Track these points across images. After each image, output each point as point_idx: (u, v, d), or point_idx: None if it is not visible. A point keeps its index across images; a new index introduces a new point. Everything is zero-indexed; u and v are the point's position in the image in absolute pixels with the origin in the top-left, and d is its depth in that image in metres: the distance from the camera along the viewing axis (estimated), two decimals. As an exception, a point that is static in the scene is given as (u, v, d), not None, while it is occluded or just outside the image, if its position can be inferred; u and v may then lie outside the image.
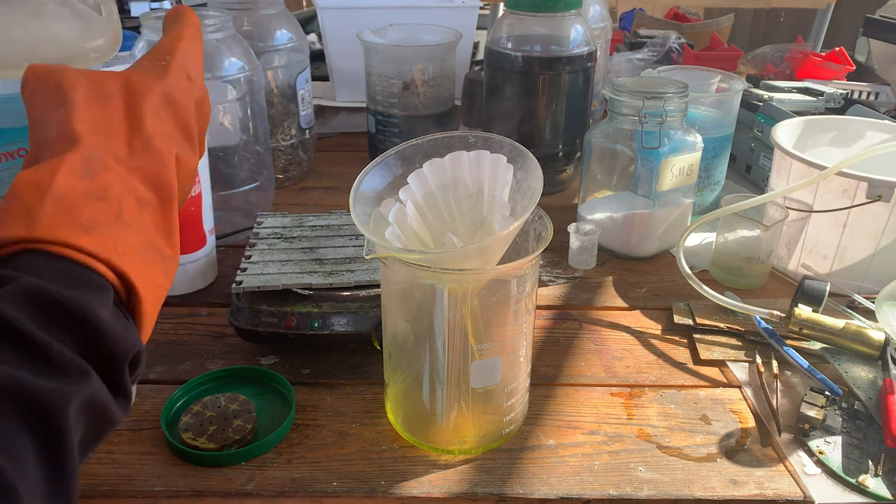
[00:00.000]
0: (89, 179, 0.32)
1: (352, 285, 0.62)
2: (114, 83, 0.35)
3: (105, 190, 0.33)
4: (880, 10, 1.52)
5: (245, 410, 0.54)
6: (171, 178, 0.36)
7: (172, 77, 0.37)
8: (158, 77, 0.37)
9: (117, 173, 0.34)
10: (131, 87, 0.36)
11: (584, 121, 0.96)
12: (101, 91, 0.35)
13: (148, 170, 0.35)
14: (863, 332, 0.62)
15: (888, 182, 0.67)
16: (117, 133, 0.35)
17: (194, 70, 0.39)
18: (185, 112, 0.37)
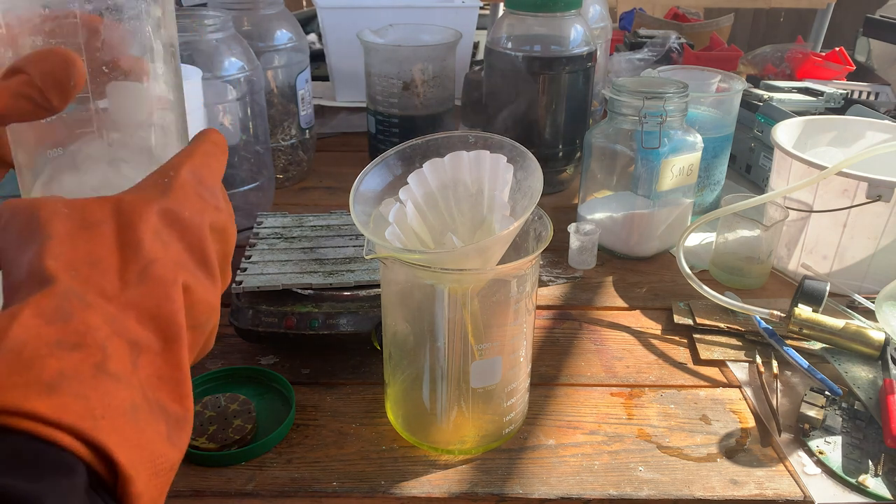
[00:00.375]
0: (62, 323, 0.26)
1: (352, 285, 0.62)
2: (101, 207, 0.29)
3: (83, 335, 0.26)
4: (880, 10, 1.52)
5: (245, 410, 0.54)
6: (174, 312, 0.29)
7: (176, 193, 0.30)
8: (159, 195, 0.30)
9: (103, 312, 0.27)
10: (123, 208, 0.29)
11: (584, 121, 0.96)
12: (86, 218, 0.28)
13: (146, 304, 0.28)
14: (863, 332, 0.62)
15: (888, 182, 0.67)
16: (106, 264, 0.28)
17: (208, 188, 0.32)
18: (195, 232, 0.30)
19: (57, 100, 0.30)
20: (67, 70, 0.30)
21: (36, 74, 0.30)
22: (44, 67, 0.30)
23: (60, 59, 0.30)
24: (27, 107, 0.30)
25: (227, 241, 0.34)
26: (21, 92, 0.30)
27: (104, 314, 0.27)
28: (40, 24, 0.31)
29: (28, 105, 0.30)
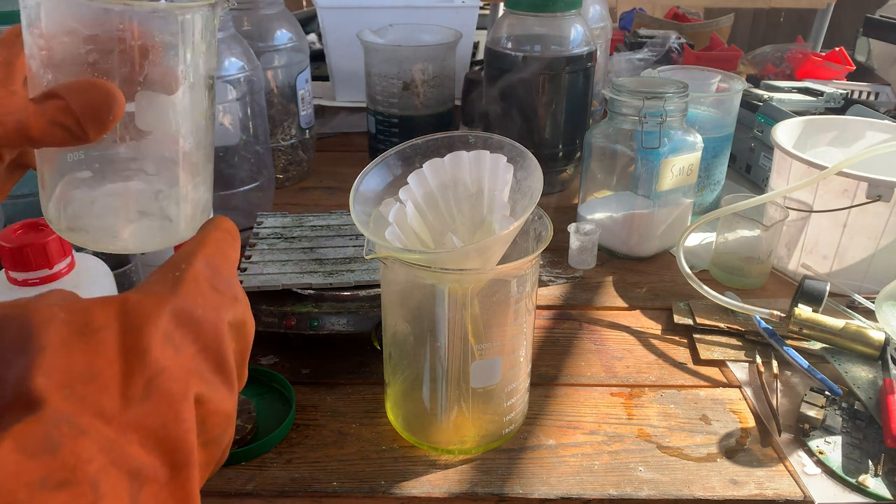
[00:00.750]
0: (48, 456, 0.22)
1: (352, 285, 0.62)
2: (104, 310, 0.26)
3: (72, 469, 0.23)
4: (880, 10, 1.52)
5: (245, 410, 0.54)
6: (184, 433, 0.25)
7: (189, 287, 0.28)
8: (168, 292, 0.27)
9: (99, 437, 0.24)
10: (129, 310, 0.26)
11: (584, 121, 0.96)
12: (86, 324, 0.25)
13: (150, 424, 0.25)
14: (863, 332, 0.62)
15: (888, 182, 0.67)
16: (105, 377, 0.25)
17: (224, 280, 0.29)
18: (211, 332, 0.27)
19: (93, 132, 0.30)
20: (108, 104, 0.29)
21: (75, 104, 0.29)
22: (84, 99, 0.29)
23: (102, 92, 0.29)
24: (61, 135, 0.30)
25: (245, 336, 0.30)
26: (57, 120, 0.29)
27: (100, 441, 0.24)
28: (84, 52, 0.30)
29: (62, 134, 0.30)
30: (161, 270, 0.29)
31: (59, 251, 0.50)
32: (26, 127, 0.29)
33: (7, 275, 0.50)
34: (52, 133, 0.29)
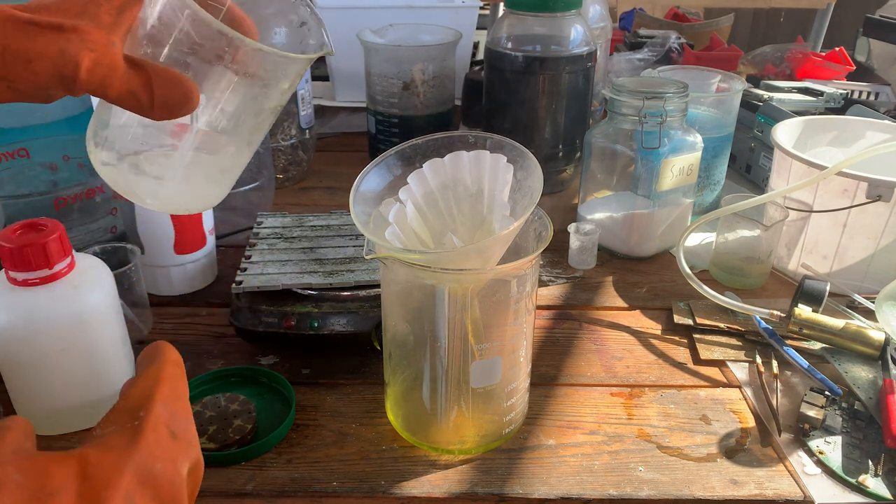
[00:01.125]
0: None
1: (352, 285, 0.62)
2: (62, 472, 0.25)
3: None
4: (880, 10, 1.52)
5: (245, 410, 0.54)
6: None
7: (149, 439, 0.27)
8: (128, 447, 0.26)
9: None
10: (89, 472, 0.25)
11: (584, 121, 0.96)
12: (41, 487, 0.24)
13: None
14: (863, 332, 0.62)
15: (888, 182, 0.67)
16: None
17: (181, 424, 0.29)
18: (169, 487, 0.27)
19: (160, 116, 0.33)
20: (185, 103, 0.33)
21: (158, 88, 0.32)
22: (169, 89, 0.32)
23: (185, 91, 0.33)
24: (132, 104, 0.33)
25: (197, 478, 0.30)
26: (136, 92, 0.32)
27: None
28: (185, 51, 0.33)
29: (134, 104, 0.33)
30: (119, 417, 0.28)
31: (59, 251, 0.50)
32: (108, 84, 0.32)
33: (7, 275, 0.50)
34: (125, 99, 0.32)
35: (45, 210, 0.72)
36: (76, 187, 0.74)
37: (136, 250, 0.64)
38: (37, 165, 0.76)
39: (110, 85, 0.32)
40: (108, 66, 0.31)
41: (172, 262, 0.70)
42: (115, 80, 0.32)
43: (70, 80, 0.31)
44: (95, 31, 0.31)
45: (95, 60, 0.31)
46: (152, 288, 0.71)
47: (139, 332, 0.66)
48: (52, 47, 0.30)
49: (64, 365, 0.52)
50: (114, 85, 0.32)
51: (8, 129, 0.75)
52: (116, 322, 0.55)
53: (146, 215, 0.68)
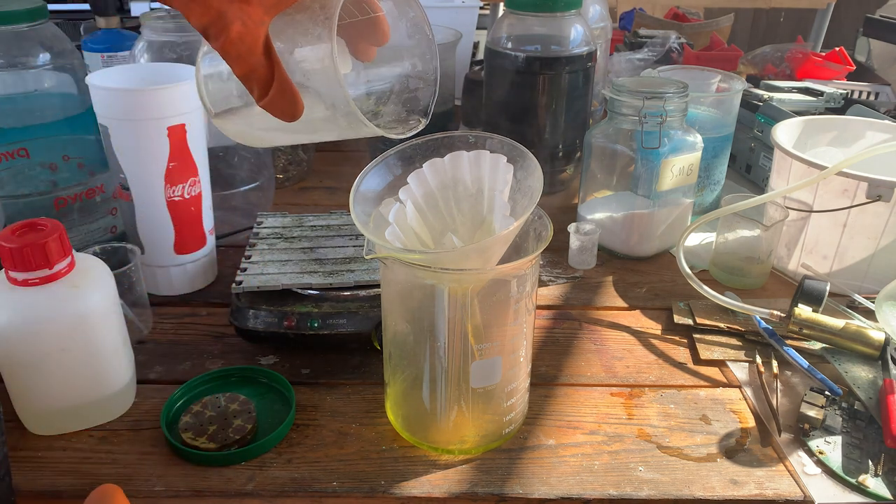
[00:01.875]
0: None
1: (352, 285, 0.62)
2: None
3: None
4: (880, 10, 1.52)
5: (245, 410, 0.54)
6: None
7: None
8: None
9: None
10: None
11: (584, 121, 0.96)
12: None
13: None
14: (863, 332, 0.62)
15: (888, 182, 0.67)
16: None
17: None
18: None
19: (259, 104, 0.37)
20: (288, 114, 0.37)
21: (276, 92, 0.36)
22: (281, 98, 0.37)
23: (293, 107, 0.37)
24: (247, 86, 0.37)
25: None
26: (252, 83, 0.36)
27: None
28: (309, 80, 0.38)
29: (248, 87, 0.37)
30: None
31: (59, 251, 0.50)
32: (237, 62, 0.36)
33: (7, 275, 0.50)
34: (244, 81, 0.37)
35: (45, 210, 0.72)
36: (76, 187, 0.74)
37: (136, 250, 0.64)
38: (37, 165, 0.76)
39: (241, 63, 0.35)
40: (248, 45, 0.35)
41: (172, 262, 0.70)
42: (247, 61, 0.35)
43: (213, 40, 0.35)
44: (257, 6, 0.35)
45: (241, 34, 0.35)
46: (152, 288, 0.71)
47: (139, 332, 0.66)
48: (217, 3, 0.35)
49: (64, 365, 0.52)
50: (243, 65, 0.35)
51: (8, 129, 0.75)
52: (116, 322, 0.55)
53: (146, 215, 0.68)
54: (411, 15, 0.43)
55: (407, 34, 0.43)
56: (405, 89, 0.45)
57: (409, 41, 0.43)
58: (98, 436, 0.54)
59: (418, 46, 0.44)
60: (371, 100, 0.45)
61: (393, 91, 0.45)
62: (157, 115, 0.63)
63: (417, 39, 0.44)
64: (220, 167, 0.84)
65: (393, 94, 0.45)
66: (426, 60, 0.44)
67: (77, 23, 1.17)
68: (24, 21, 0.75)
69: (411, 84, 0.45)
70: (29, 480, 0.49)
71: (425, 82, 0.44)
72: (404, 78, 0.45)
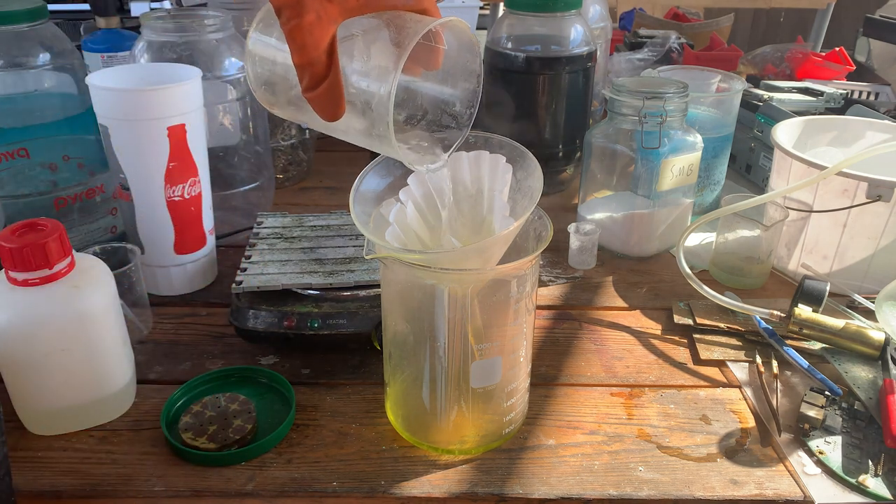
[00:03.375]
0: None
1: (352, 285, 0.62)
2: None
3: None
4: (880, 10, 1.52)
5: (245, 410, 0.54)
6: None
7: None
8: None
9: None
10: None
11: (584, 121, 0.96)
12: None
13: None
14: (863, 332, 0.62)
15: (888, 182, 0.67)
16: None
17: None
18: None
19: (305, 95, 0.38)
20: (326, 116, 0.39)
21: (324, 87, 0.37)
22: (327, 97, 0.38)
23: (333, 111, 0.38)
24: (299, 75, 0.38)
25: None
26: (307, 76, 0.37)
27: None
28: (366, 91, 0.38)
29: (300, 76, 0.38)
30: None
31: (59, 251, 0.50)
32: (300, 51, 0.36)
33: (7, 275, 0.50)
34: (299, 69, 0.37)
35: (45, 210, 0.72)
36: (76, 187, 0.74)
37: (136, 250, 0.64)
38: (37, 165, 0.76)
39: (302, 53, 0.36)
40: (315, 39, 0.36)
41: (172, 262, 0.70)
42: (309, 53, 0.36)
43: (284, 22, 0.36)
44: (337, 4, 0.36)
45: (312, 26, 0.35)
46: (152, 288, 0.71)
47: (139, 332, 0.66)
48: None
49: (64, 365, 0.52)
50: (304, 55, 0.36)
51: (8, 129, 0.75)
52: (116, 322, 0.55)
53: (146, 215, 0.68)
54: (469, 63, 0.43)
55: (459, 74, 0.44)
56: (436, 121, 0.45)
57: (458, 81, 0.44)
58: (98, 436, 0.54)
59: (464, 91, 0.44)
60: (402, 115, 0.45)
61: (426, 115, 0.45)
62: (157, 115, 0.63)
63: (464, 87, 0.44)
64: (220, 167, 0.84)
65: (424, 120, 0.45)
66: (466, 105, 0.44)
67: (77, 23, 1.17)
68: (24, 21, 0.75)
69: (444, 120, 0.45)
70: (29, 480, 0.50)
71: (458, 124, 0.45)
72: (440, 109, 0.45)
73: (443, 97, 0.45)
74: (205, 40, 0.79)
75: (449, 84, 0.44)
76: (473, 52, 0.42)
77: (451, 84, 0.44)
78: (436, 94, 0.45)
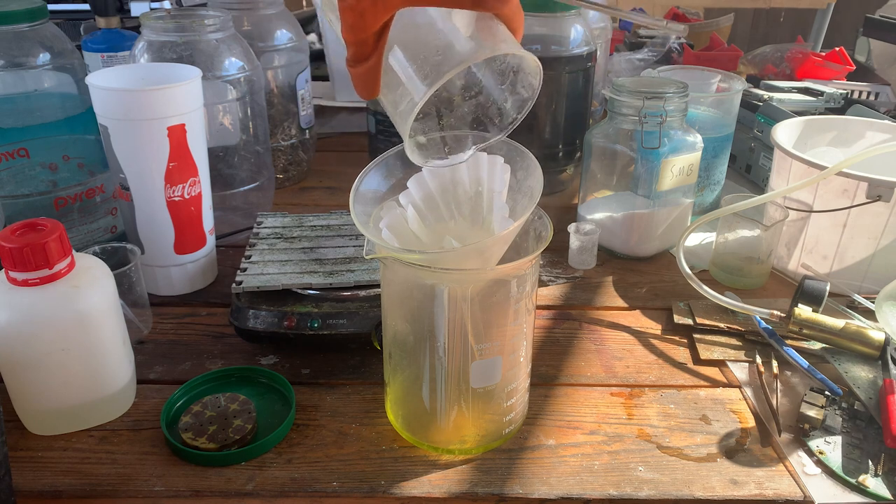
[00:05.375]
0: None
1: (352, 285, 0.62)
2: None
3: None
4: (880, 10, 1.52)
5: (245, 410, 0.54)
6: None
7: None
8: None
9: None
10: None
11: (584, 121, 0.96)
12: None
13: None
14: (863, 332, 0.62)
15: (888, 182, 0.67)
16: None
17: None
18: None
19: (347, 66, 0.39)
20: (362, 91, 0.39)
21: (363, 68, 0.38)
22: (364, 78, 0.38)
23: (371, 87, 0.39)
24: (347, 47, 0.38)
25: None
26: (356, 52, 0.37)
27: None
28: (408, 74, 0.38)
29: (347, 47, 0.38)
30: None
31: (59, 251, 0.50)
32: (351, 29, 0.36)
33: (7, 275, 0.50)
34: (346, 43, 0.38)
35: (45, 210, 0.72)
36: (76, 187, 0.74)
37: (136, 250, 0.64)
38: (37, 165, 0.76)
39: (352, 31, 0.36)
40: (368, 20, 0.35)
41: (172, 262, 0.70)
42: (357, 33, 0.36)
43: None
44: None
45: (366, 8, 0.35)
46: (152, 288, 0.71)
47: (139, 332, 0.66)
48: None
49: (64, 365, 0.52)
50: (352, 34, 0.36)
51: (8, 129, 0.75)
52: (116, 322, 0.55)
53: (146, 215, 0.68)
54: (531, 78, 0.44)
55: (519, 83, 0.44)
56: (483, 107, 0.45)
57: (517, 86, 0.44)
58: (98, 436, 0.54)
59: (517, 97, 0.45)
60: (461, 81, 0.45)
61: (479, 95, 0.45)
62: (157, 115, 0.63)
63: (520, 92, 0.45)
64: (220, 167, 0.84)
65: (475, 99, 0.45)
66: (515, 108, 0.45)
67: (77, 23, 1.17)
68: (24, 21, 0.75)
69: (491, 111, 0.45)
70: (29, 480, 0.50)
71: (501, 123, 0.45)
72: (492, 98, 0.45)
73: (499, 89, 0.44)
74: (205, 40, 0.79)
75: (508, 83, 0.44)
76: (536, 73, 0.42)
77: (510, 85, 0.44)
78: (493, 83, 0.44)
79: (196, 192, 0.69)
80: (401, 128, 0.39)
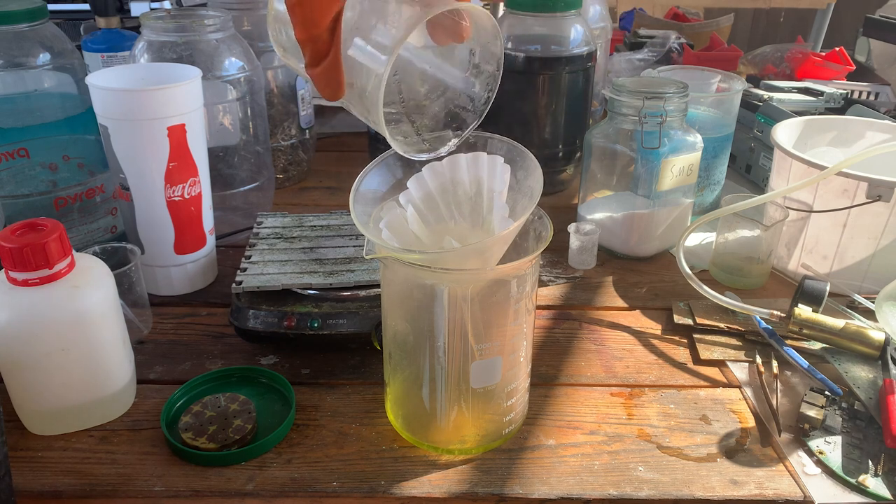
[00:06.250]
0: None
1: (352, 285, 0.62)
2: None
3: None
4: (880, 10, 1.52)
5: (245, 410, 0.54)
6: None
7: None
8: None
9: None
10: None
11: (584, 121, 0.96)
12: None
13: None
14: (863, 332, 0.62)
15: (888, 182, 0.67)
16: None
17: None
18: None
19: (307, 72, 0.38)
20: (326, 93, 0.38)
21: (324, 66, 0.37)
22: (327, 76, 0.37)
23: (335, 86, 0.38)
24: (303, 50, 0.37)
25: None
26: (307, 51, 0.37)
27: None
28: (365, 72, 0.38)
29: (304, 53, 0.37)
30: None
31: (59, 251, 0.50)
32: (301, 27, 0.36)
33: (7, 275, 0.50)
34: (300, 45, 0.37)
35: (45, 210, 0.72)
36: (76, 187, 0.74)
37: (136, 250, 0.64)
38: (37, 165, 0.76)
39: (303, 29, 0.35)
40: (317, 15, 0.35)
41: (172, 262, 0.70)
42: (309, 30, 0.35)
43: None
44: None
45: (313, 1, 0.35)
46: (152, 288, 0.71)
47: (139, 332, 0.66)
48: None
49: (64, 365, 0.52)
50: (304, 31, 0.36)
51: (8, 129, 0.75)
52: (116, 322, 0.55)
53: (146, 215, 0.68)
54: (490, 45, 0.42)
55: (479, 57, 0.43)
56: (452, 101, 0.45)
57: (480, 65, 0.43)
58: (98, 436, 0.54)
59: (484, 74, 0.44)
60: (424, 88, 0.45)
61: (445, 92, 0.45)
62: (157, 115, 0.63)
63: (484, 69, 0.43)
64: (220, 167, 0.84)
65: (443, 97, 0.45)
66: (484, 87, 0.44)
67: (77, 23, 1.17)
68: (24, 21, 0.75)
69: (461, 101, 0.44)
70: (29, 480, 0.50)
71: (474, 107, 0.44)
72: (457, 90, 0.44)
73: (463, 78, 0.44)
74: (205, 40, 0.79)
75: (471, 67, 0.44)
76: (494, 35, 0.41)
77: (473, 68, 0.44)
78: (458, 74, 0.44)
79: (196, 192, 0.69)
80: (375, 116, 0.38)
